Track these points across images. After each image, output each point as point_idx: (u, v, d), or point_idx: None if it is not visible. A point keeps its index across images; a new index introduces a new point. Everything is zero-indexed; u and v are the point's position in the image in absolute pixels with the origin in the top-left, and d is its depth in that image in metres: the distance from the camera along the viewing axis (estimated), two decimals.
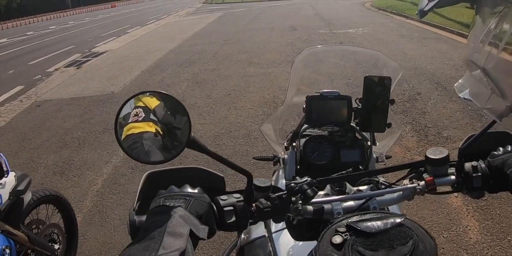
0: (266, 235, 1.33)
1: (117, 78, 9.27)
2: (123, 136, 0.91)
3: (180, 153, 0.90)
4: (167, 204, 0.84)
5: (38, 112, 7.20)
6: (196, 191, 0.91)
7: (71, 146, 5.38)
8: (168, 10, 33.51)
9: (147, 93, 0.94)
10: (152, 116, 0.92)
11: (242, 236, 1.44)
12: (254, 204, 0.96)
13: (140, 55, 12.12)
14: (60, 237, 2.84)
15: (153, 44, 14.40)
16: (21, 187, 2.41)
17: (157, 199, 0.87)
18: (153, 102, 0.94)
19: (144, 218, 0.86)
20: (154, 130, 0.92)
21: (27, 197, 2.50)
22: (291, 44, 11.61)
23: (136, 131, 0.91)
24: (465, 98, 1.07)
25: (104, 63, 11.50)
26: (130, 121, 0.91)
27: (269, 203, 0.95)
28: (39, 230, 2.65)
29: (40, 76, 10.44)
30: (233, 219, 0.92)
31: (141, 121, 0.91)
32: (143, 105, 0.93)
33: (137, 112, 0.92)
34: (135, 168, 4.47)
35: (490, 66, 0.97)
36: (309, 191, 0.98)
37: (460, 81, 1.16)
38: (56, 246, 2.76)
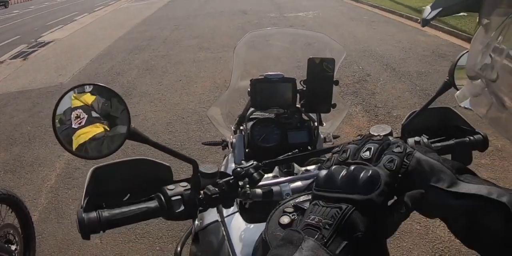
0: (219, 220, 1.33)
1: (65, 68, 9.02)
2: (74, 146, 0.86)
3: (121, 145, 0.88)
4: None
5: None
6: None
7: (21, 142, 5.24)
8: None
9: (86, 87, 0.90)
10: (94, 114, 0.90)
11: (196, 222, 1.42)
12: (202, 192, 0.96)
13: (89, 43, 11.80)
14: (16, 238, 2.79)
15: (102, 31, 14.02)
16: None
17: None
18: (89, 98, 0.90)
19: (92, 214, 0.86)
20: (102, 129, 0.89)
21: None
22: (241, 28, 11.54)
23: (87, 137, 0.88)
24: (465, 107, 1.11)
25: (52, 53, 11.13)
26: (75, 126, 0.87)
27: (216, 189, 0.95)
28: None
29: None
30: (182, 208, 0.92)
31: (86, 124, 0.88)
32: (81, 104, 0.89)
33: (78, 114, 0.88)
34: (88, 161, 4.39)
35: (492, 76, 1.01)
36: (255, 174, 0.98)
37: (461, 90, 1.19)
38: (13, 247, 2.71)
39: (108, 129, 0.89)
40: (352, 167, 0.63)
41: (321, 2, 16.57)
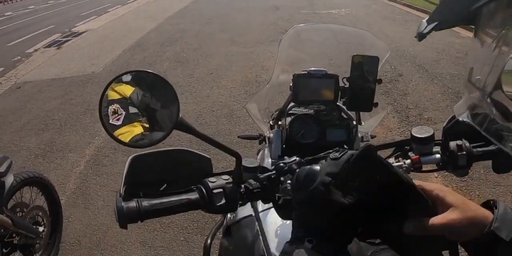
0: (253, 215, 1.28)
1: (98, 58, 9.13)
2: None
3: (168, 135, 0.88)
4: None
5: (18, 94, 7.09)
6: None
7: (52, 128, 5.33)
8: None
9: (129, 74, 0.91)
10: (131, 109, 0.90)
11: (228, 215, 1.41)
12: (243, 185, 0.93)
13: (121, 34, 11.92)
14: (44, 220, 2.83)
15: (135, 23, 14.14)
16: (1, 169, 2.37)
17: None
18: (127, 90, 0.91)
19: (131, 204, 0.84)
20: (142, 129, 0.90)
21: (9, 179, 2.46)
22: (273, 24, 11.50)
23: (128, 137, 0.89)
24: (464, 121, 1.08)
25: (85, 42, 11.29)
26: (113, 122, 0.88)
27: (258, 184, 0.93)
28: (23, 213, 2.63)
29: (19, 57, 10.19)
30: (223, 201, 0.89)
31: (124, 124, 0.89)
32: (118, 96, 0.89)
33: (115, 109, 0.88)
34: (117, 149, 4.45)
35: (489, 88, 0.98)
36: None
37: (459, 103, 1.17)
38: (41, 229, 2.74)
39: (147, 125, 0.90)
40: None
41: (354, 0, 16.41)
